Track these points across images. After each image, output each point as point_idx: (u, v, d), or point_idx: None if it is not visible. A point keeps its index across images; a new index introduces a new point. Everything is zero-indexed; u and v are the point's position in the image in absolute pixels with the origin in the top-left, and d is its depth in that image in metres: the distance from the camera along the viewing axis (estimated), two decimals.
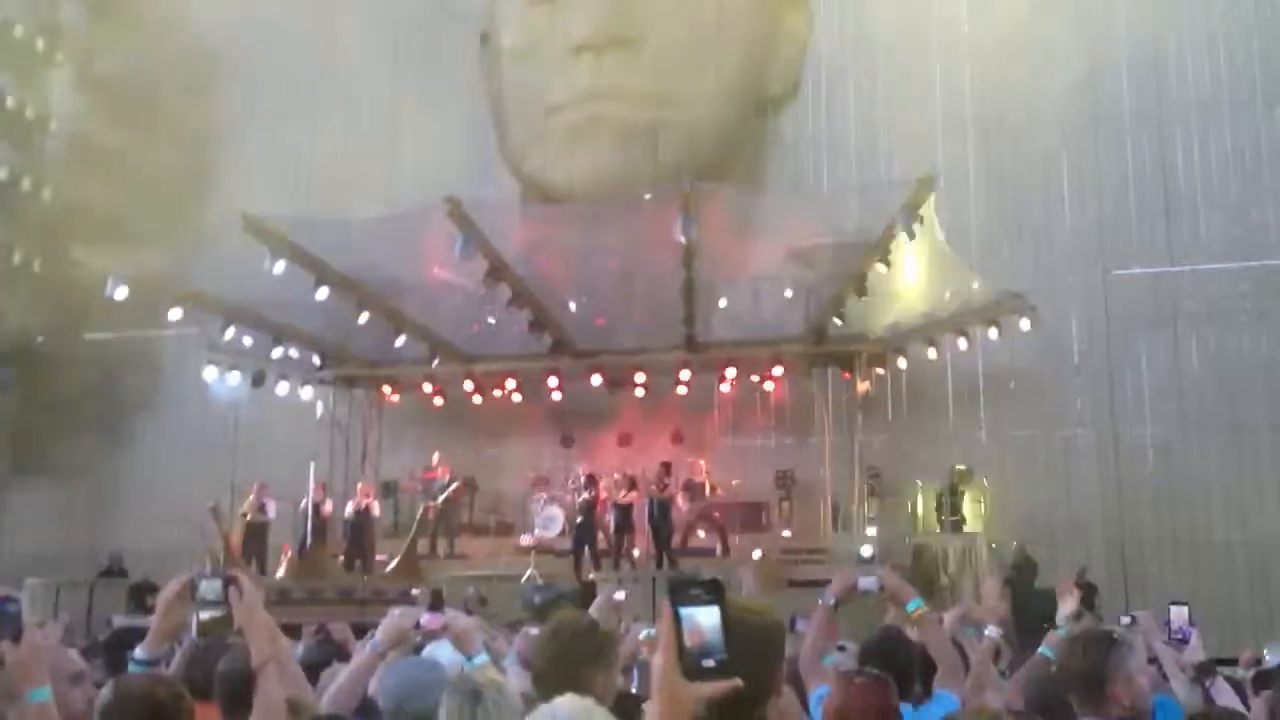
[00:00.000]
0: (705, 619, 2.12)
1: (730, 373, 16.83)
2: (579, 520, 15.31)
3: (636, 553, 15.41)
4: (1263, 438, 16.27)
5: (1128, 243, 17.35)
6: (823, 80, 19.19)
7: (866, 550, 14.75)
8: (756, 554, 15.39)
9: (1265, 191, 17.01)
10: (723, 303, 16.11)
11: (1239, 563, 15.96)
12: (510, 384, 17.63)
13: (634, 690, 4.72)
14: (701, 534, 16.00)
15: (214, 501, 14.86)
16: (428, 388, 18.06)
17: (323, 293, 14.80)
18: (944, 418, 16.82)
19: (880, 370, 16.45)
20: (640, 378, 17.09)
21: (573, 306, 16.77)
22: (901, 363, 16.25)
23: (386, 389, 18.28)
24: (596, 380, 17.10)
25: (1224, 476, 16.30)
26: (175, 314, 15.40)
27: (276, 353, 16.60)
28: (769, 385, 17.04)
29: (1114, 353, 17.05)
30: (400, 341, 16.44)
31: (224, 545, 14.92)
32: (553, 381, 17.33)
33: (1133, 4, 17.87)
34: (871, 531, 15.60)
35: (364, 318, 15.58)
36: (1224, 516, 16.20)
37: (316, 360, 17.55)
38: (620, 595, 7.46)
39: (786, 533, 16.35)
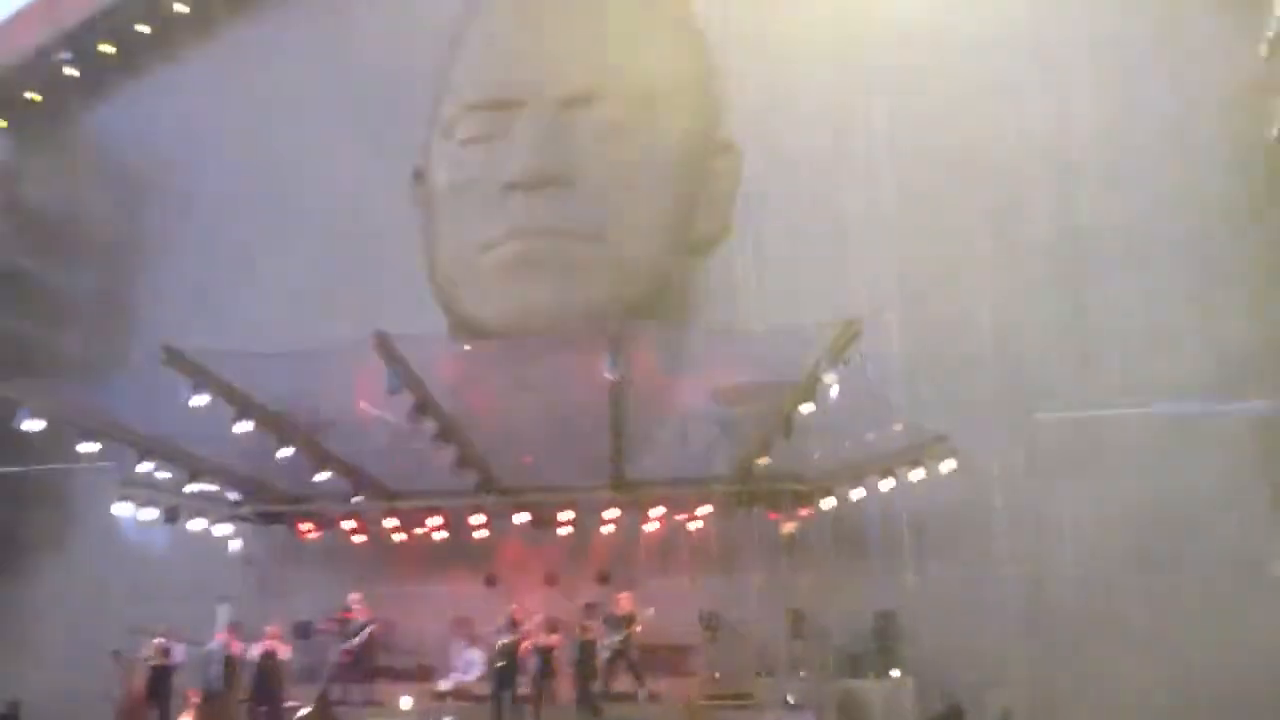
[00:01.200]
0: None
1: (657, 511, 16.70)
2: (500, 664, 14.87)
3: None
4: (1182, 580, 16.42)
5: (1048, 385, 17.68)
6: (751, 222, 19.60)
7: (792, 697, 14.50)
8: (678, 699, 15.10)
9: (1173, 339, 17.50)
10: (650, 441, 16.11)
11: (1161, 702, 15.94)
12: (434, 521, 17.31)
13: None
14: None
15: (118, 646, 14.23)
16: (348, 524, 17.68)
17: (243, 426, 14.53)
18: (869, 559, 16.78)
19: (806, 511, 16.40)
20: (567, 515, 16.88)
21: (501, 440, 16.65)
22: (828, 503, 16.23)
23: (305, 525, 17.83)
24: (522, 518, 16.87)
25: (1145, 619, 16.35)
26: (87, 447, 14.98)
27: (192, 488, 16.18)
28: (695, 525, 16.90)
29: (1036, 495, 17.21)
30: (321, 477, 16.12)
31: (126, 692, 14.25)
32: (477, 519, 17.05)
33: (1046, 157, 18.68)
34: (800, 675, 15.35)
35: (286, 452, 15.31)
36: (1146, 659, 16.21)
37: (233, 496, 17.09)
38: None
39: (717, 675, 16.02)
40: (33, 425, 14.27)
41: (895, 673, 15.85)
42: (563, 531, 17.10)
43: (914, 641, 16.40)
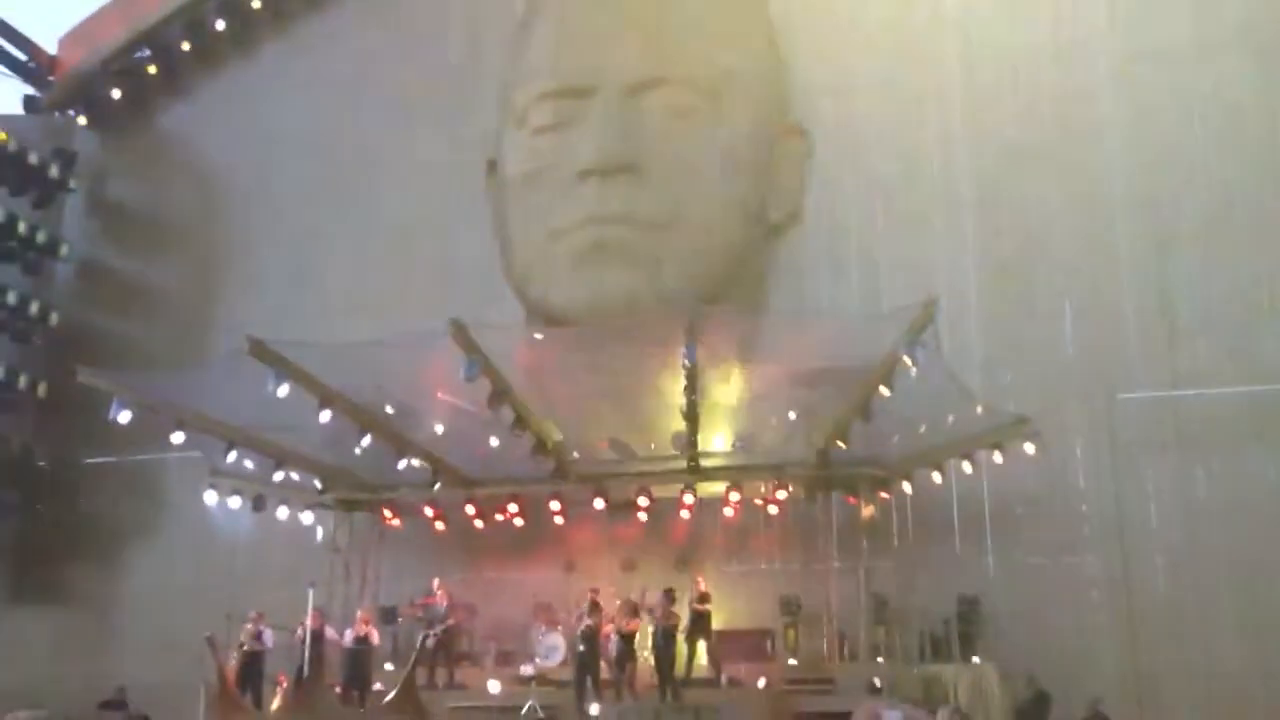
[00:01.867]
0: None
1: (734, 496, 16.68)
2: (581, 649, 14.97)
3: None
4: (1274, 563, 16.01)
5: (1130, 367, 17.35)
6: (825, 204, 19.48)
7: (877, 681, 14.42)
8: (761, 683, 15.09)
9: (1261, 316, 17.06)
10: (727, 426, 16.08)
11: (1255, 692, 15.59)
12: (512, 508, 17.48)
13: None
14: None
15: (210, 631, 14.59)
16: (429, 512, 17.92)
17: (325, 416, 14.80)
18: (950, 544, 16.63)
19: (885, 495, 16.27)
20: (643, 501, 16.94)
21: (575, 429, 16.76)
22: (907, 487, 16.09)
23: (387, 513, 18.12)
24: (599, 504, 16.96)
25: (1236, 604, 16.00)
26: (178, 438, 15.38)
27: (278, 476, 16.52)
28: (773, 509, 16.85)
29: (1120, 478, 16.92)
30: (402, 465, 16.36)
31: (220, 676, 14.60)
32: (555, 505, 17.19)
33: (1127, 129, 18.29)
34: (880, 660, 15.27)
35: (366, 441, 15.56)
36: (1238, 645, 15.86)
37: (318, 484, 17.42)
38: None
39: (792, 661, 15.99)
40: (123, 416, 14.72)
41: (977, 659, 15.66)
42: (641, 518, 17.14)
43: (997, 627, 16.22)
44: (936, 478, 15.84)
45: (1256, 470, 16.49)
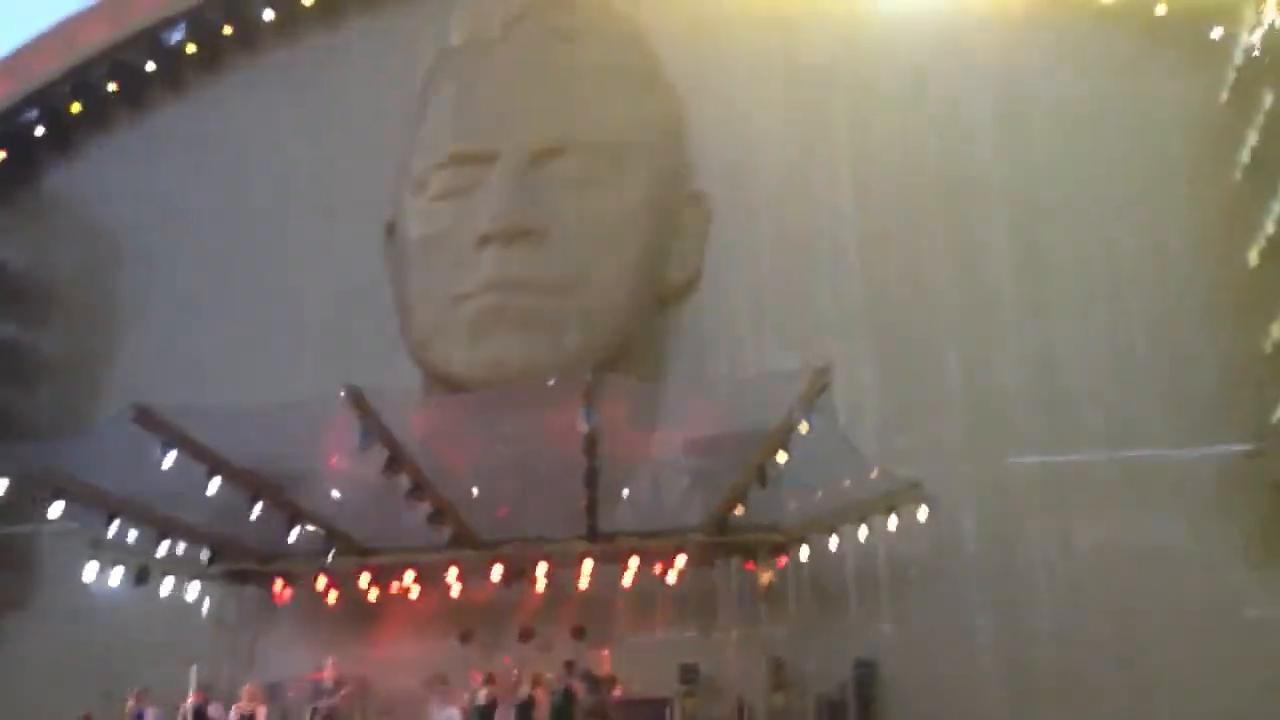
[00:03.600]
0: None
1: (633, 563, 16.62)
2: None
3: None
4: (1153, 617, 16.47)
5: (1017, 431, 17.81)
6: (721, 271, 19.78)
7: None
8: None
9: (1140, 384, 17.69)
10: (625, 493, 16.08)
11: None
12: (408, 577, 17.16)
13: None
14: None
15: (87, 710, 13.99)
16: (321, 584, 17.50)
17: (215, 485, 14.41)
18: (847, 608, 16.74)
19: (783, 560, 16.38)
20: (542, 568, 16.78)
21: (475, 492, 16.60)
22: (804, 553, 16.22)
23: (278, 586, 17.63)
24: (498, 573, 16.76)
25: (1121, 662, 16.37)
26: (56, 509, 14.79)
27: (163, 548, 16.00)
28: (671, 576, 16.83)
29: (1009, 540, 17.29)
30: (294, 535, 15.97)
31: None
32: (452, 575, 16.92)
33: (1009, 204, 18.98)
34: None
35: (258, 509, 15.18)
36: (1124, 702, 16.20)
37: (205, 556, 16.89)
38: None
39: None
40: None
41: None
42: (539, 587, 16.97)
43: (894, 691, 16.34)
44: (833, 543, 15.97)
45: (1134, 530, 16.97)
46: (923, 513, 15.21)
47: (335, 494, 15.97)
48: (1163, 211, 18.45)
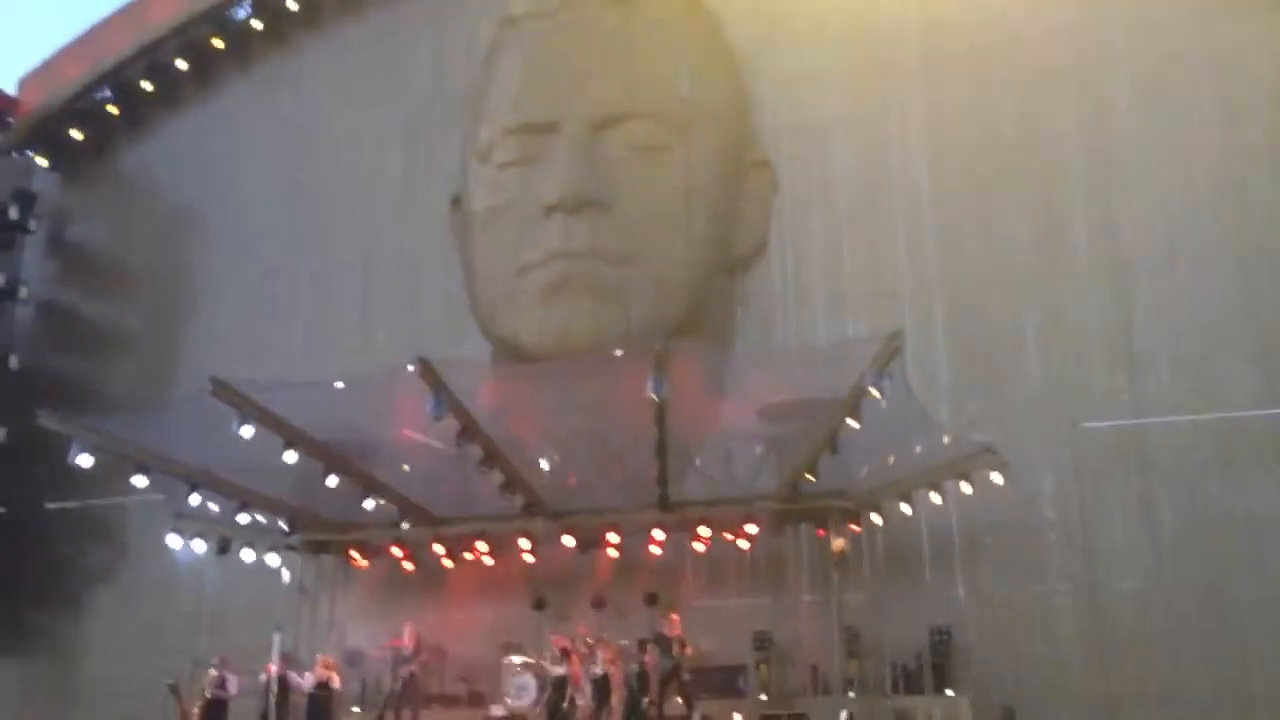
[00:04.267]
0: None
1: (703, 531, 16.61)
2: (552, 696, 14.77)
3: None
4: (1239, 587, 16.10)
5: (1093, 396, 17.44)
6: (789, 238, 19.57)
7: (849, 715, 14.34)
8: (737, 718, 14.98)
9: (1223, 344, 17.22)
10: (696, 461, 16.04)
11: (1224, 717, 15.61)
12: (481, 546, 17.32)
13: None
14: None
15: (174, 678, 14.34)
16: (397, 552, 17.74)
17: (290, 456, 14.65)
18: (921, 575, 16.62)
19: (855, 527, 16.25)
20: (613, 538, 16.84)
21: (545, 465, 16.69)
22: (876, 519, 16.08)
23: (355, 554, 17.92)
24: (568, 541, 16.85)
25: (1203, 630, 16.04)
26: (140, 481, 15.17)
27: (243, 518, 16.32)
28: (743, 544, 16.79)
29: (1086, 506, 16.98)
30: (369, 505, 16.20)
31: None
32: (524, 543, 17.05)
33: (1090, 156, 18.49)
34: (852, 694, 15.19)
35: (332, 481, 15.42)
36: (1206, 671, 15.89)
37: (284, 526, 17.20)
38: None
39: (764, 697, 15.88)
40: (84, 460, 14.51)
41: (950, 691, 15.61)
42: (610, 554, 17.03)
43: (969, 659, 16.19)
44: (905, 509, 15.81)
45: (1219, 496, 16.56)
46: (997, 478, 15.00)
47: (406, 466, 16.12)
48: (1246, 165, 17.85)
